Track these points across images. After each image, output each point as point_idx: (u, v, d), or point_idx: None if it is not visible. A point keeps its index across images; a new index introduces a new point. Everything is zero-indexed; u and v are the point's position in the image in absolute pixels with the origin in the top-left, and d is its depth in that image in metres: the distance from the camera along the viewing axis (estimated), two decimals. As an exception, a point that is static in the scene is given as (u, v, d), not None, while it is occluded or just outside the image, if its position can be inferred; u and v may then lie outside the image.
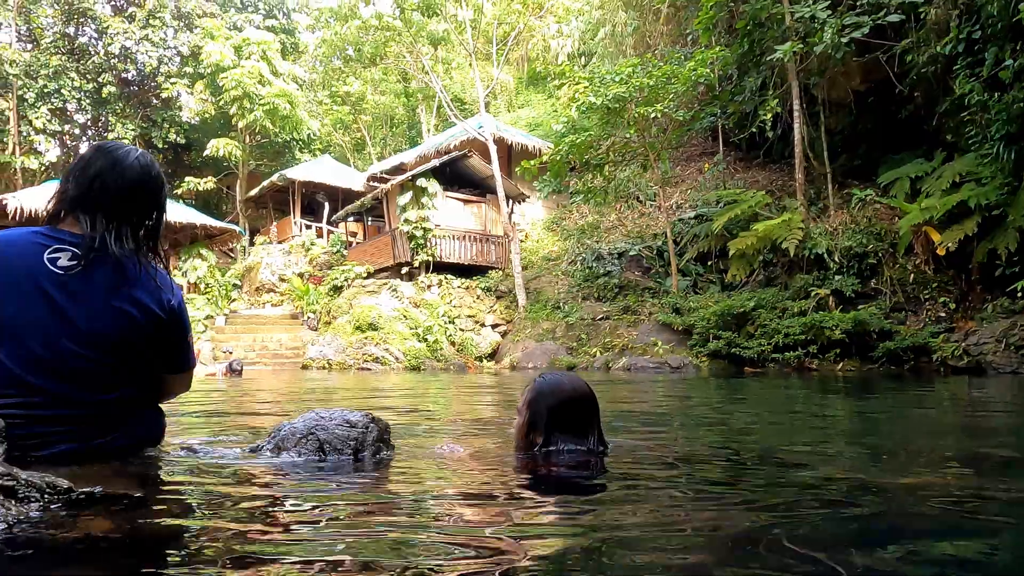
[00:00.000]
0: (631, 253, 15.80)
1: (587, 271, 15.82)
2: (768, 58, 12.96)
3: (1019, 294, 9.47)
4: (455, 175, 17.71)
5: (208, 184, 26.39)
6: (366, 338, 14.17)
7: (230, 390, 6.86)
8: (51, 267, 1.52)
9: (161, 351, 1.67)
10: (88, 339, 1.52)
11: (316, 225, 23.30)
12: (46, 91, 25.99)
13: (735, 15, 14.12)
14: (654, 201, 17.56)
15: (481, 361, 15.12)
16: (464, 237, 17.66)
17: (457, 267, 17.32)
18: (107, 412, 1.58)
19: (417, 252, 16.66)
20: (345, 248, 20.99)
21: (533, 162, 15.15)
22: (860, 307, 10.92)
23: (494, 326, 16.25)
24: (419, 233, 16.55)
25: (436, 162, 17.16)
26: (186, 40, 27.91)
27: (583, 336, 13.93)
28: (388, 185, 17.67)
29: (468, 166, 17.65)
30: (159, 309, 1.61)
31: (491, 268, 17.73)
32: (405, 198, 16.68)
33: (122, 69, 27.63)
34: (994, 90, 9.75)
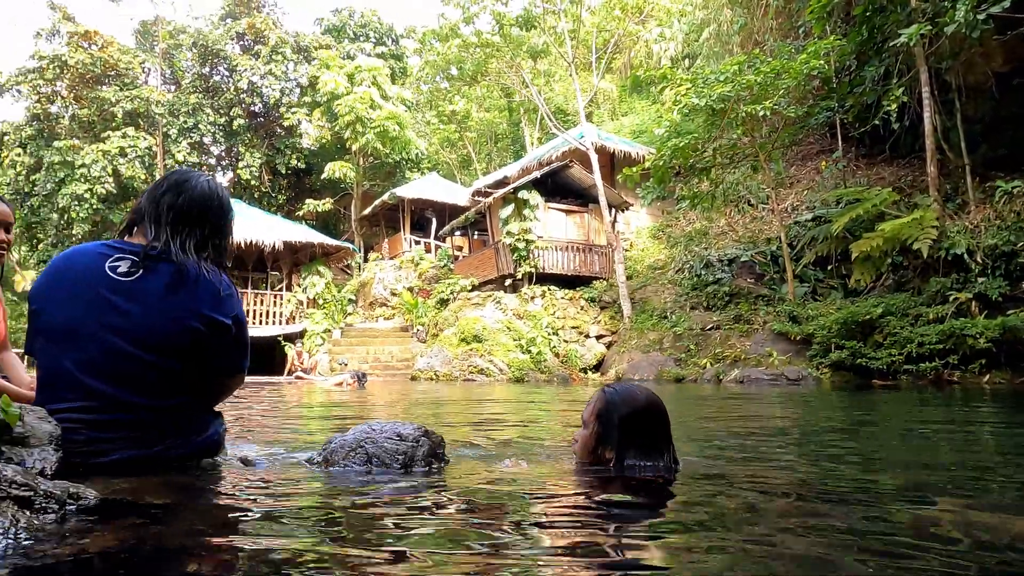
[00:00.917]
0: (742, 259, 15.04)
1: (695, 279, 15.22)
2: (891, 44, 11.94)
3: None
4: (557, 186, 17.67)
5: (326, 205, 28.04)
6: (471, 350, 14.36)
7: (351, 400, 7.12)
8: (111, 274, 1.60)
9: (218, 356, 1.70)
10: (144, 342, 1.57)
11: (425, 240, 24.06)
12: (186, 127, 28.67)
13: (852, 1, 13.17)
14: (767, 204, 16.67)
15: (586, 373, 14.91)
16: (567, 248, 17.56)
17: (560, 278, 17.23)
18: (164, 418, 1.61)
19: (520, 264, 16.73)
20: (452, 262, 21.48)
21: (635, 169, 14.81)
22: (1009, 312, 9.71)
23: (599, 337, 15.99)
24: (522, 245, 16.63)
25: (537, 174, 17.21)
26: (304, 72, 29.86)
27: (692, 347, 13.39)
28: (490, 199, 17.92)
29: (570, 176, 17.56)
30: (222, 317, 1.65)
31: (595, 278, 17.50)
32: (507, 211, 16.83)
33: (250, 103, 29.94)
34: None
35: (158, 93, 28.59)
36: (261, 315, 20.42)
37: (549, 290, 16.64)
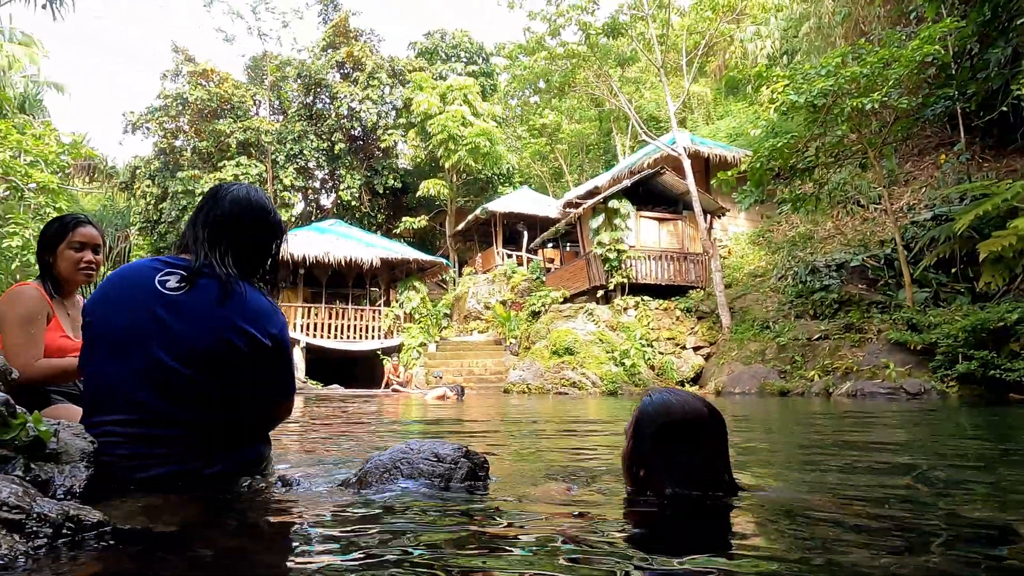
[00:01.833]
0: (852, 264, 14.01)
1: (800, 286, 14.33)
2: (1019, 22, 10.83)
3: None
4: (648, 194, 17.25)
5: (421, 222, 28.80)
6: (563, 362, 14.19)
7: (447, 414, 7.17)
8: (160, 288, 1.61)
9: (261, 377, 1.66)
10: (187, 355, 1.56)
11: (517, 254, 24.19)
12: (292, 153, 30.39)
13: (971, -21, 12.08)
14: (878, 204, 15.50)
15: (683, 385, 14.35)
16: (660, 257, 17.06)
17: (654, 288, 16.74)
18: (204, 435, 1.59)
19: (612, 274, 16.41)
20: (544, 274, 21.43)
21: (730, 172, 14.18)
22: None
23: (696, 348, 15.38)
24: (613, 255, 16.32)
25: (627, 182, 16.87)
26: (399, 94, 30.95)
27: (797, 358, 12.59)
28: (580, 210, 17.74)
29: (662, 183, 17.10)
30: (260, 334, 1.62)
31: (691, 287, 16.89)
32: (597, 221, 16.58)
33: (349, 127, 31.35)
34: None
35: (267, 123, 30.52)
36: (361, 330, 21.17)
37: (643, 300, 16.20)
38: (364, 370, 21.32)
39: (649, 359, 14.77)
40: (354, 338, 20.90)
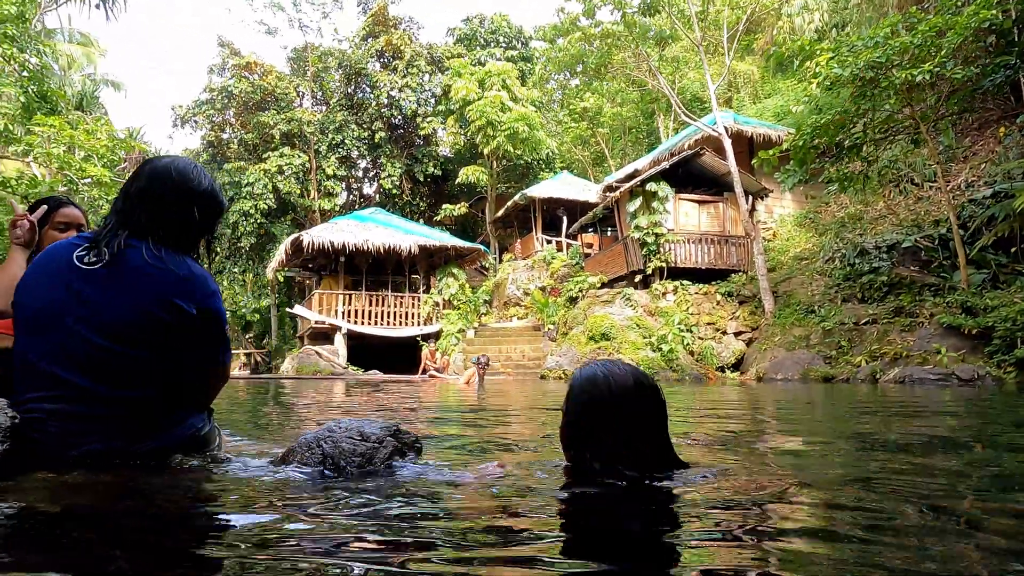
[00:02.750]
0: (904, 245, 13.35)
1: (848, 269, 13.77)
2: (1088, -19, 10.05)
3: None
4: (688, 176, 16.80)
5: (461, 209, 28.84)
6: (599, 348, 14.02)
7: (469, 403, 7.15)
8: (78, 263, 1.58)
9: (188, 346, 1.63)
10: (107, 330, 1.53)
11: (556, 239, 24.00)
12: (334, 143, 30.79)
13: (1035, -62, 11.26)
14: (933, 182, 14.75)
15: (723, 371, 14.02)
16: (700, 240, 16.63)
17: (694, 272, 16.34)
18: (136, 411, 1.57)
19: (650, 259, 16.09)
20: (583, 260, 21.21)
21: (772, 152, 13.67)
22: None
23: (737, 334, 14.98)
24: (651, 239, 15.99)
25: (665, 164, 16.47)
26: (438, 81, 30.98)
27: (843, 343, 12.12)
28: (616, 193, 17.43)
29: (702, 164, 16.63)
30: (185, 304, 1.58)
31: (732, 271, 16.42)
32: (635, 205, 16.26)
33: (389, 116, 31.56)
34: None
35: (309, 113, 30.97)
36: (401, 316, 21.40)
37: (682, 285, 15.84)
38: (405, 356, 21.56)
39: (688, 344, 14.46)
40: (394, 324, 21.13)
